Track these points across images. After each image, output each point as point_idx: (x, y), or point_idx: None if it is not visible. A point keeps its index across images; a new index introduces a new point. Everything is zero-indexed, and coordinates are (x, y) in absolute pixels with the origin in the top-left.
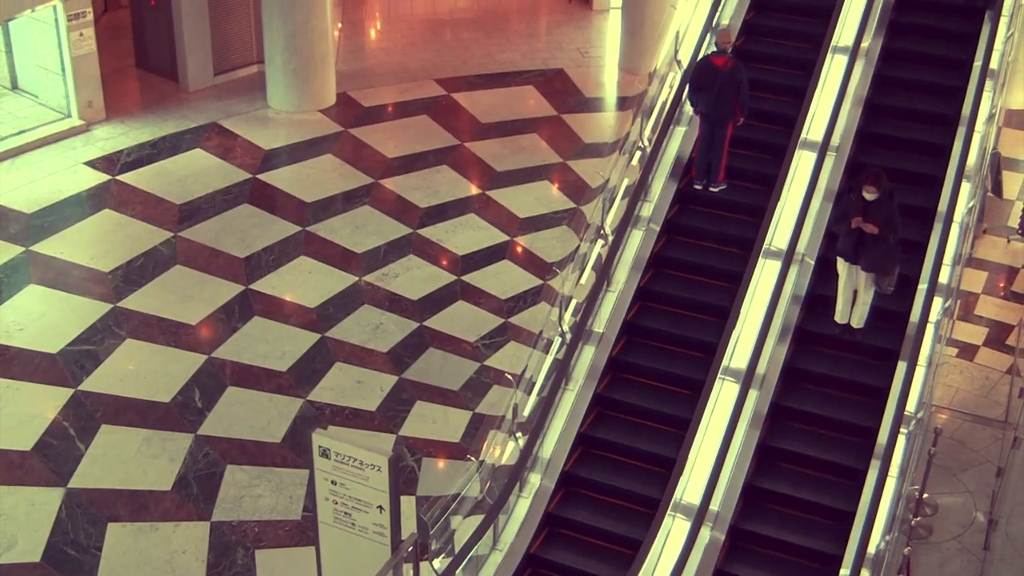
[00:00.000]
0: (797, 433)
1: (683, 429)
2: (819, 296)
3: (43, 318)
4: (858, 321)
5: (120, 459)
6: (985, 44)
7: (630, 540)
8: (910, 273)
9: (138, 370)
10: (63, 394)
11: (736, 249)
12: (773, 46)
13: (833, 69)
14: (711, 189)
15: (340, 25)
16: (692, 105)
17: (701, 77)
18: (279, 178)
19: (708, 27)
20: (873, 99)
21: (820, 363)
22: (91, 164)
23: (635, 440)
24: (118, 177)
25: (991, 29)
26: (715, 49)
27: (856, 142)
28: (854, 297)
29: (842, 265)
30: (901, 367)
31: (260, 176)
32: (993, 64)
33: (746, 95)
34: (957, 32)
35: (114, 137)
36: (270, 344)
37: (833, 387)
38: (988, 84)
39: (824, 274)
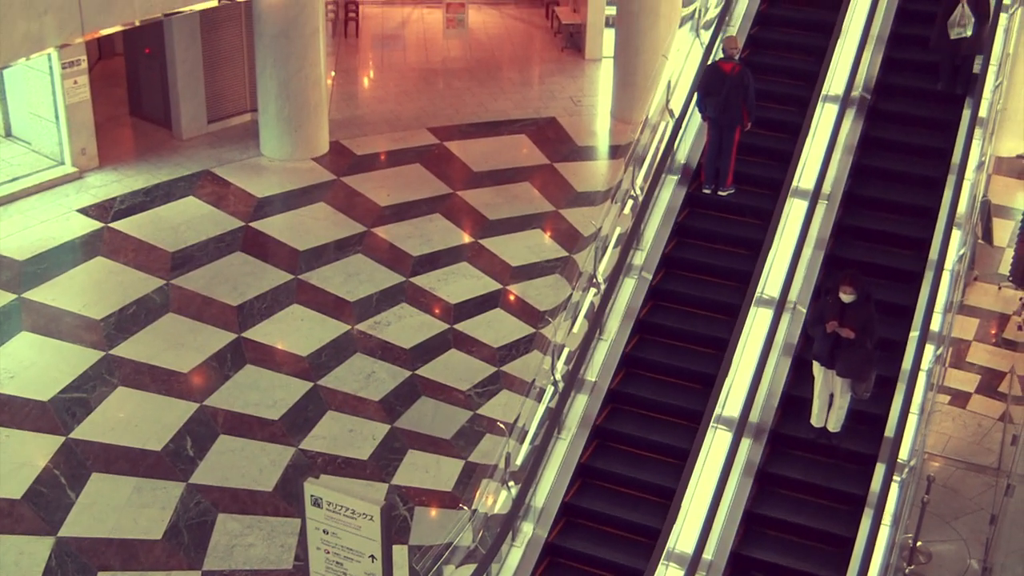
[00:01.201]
0: (769, 540)
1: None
2: (795, 398)
3: (34, 365)
4: (835, 425)
5: (111, 508)
6: (967, 129)
7: None
8: (888, 374)
9: (129, 418)
10: (54, 442)
11: (744, 250)
12: (777, 58)
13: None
14: (720, 193)
15: (333, 74)
16: (701, 111)
17: (709, 83)
18: (272, 226)
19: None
20: (853, 190)
21: (795, 467)
22: (84, 211)
23: (648, 431)
24: (111, 224)
25: (972, 113)
26: (723, 56)
27: (833, 235)
28: (831, 400)
29: (818, 369)
30: (893, 416)
31: (253, 224)
32: (982, 112)
33: (753, 99)
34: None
35: (107, 184)
36: (262, 392)
37: (808, 493)
38: (977, 132)
39: (800, 376)
